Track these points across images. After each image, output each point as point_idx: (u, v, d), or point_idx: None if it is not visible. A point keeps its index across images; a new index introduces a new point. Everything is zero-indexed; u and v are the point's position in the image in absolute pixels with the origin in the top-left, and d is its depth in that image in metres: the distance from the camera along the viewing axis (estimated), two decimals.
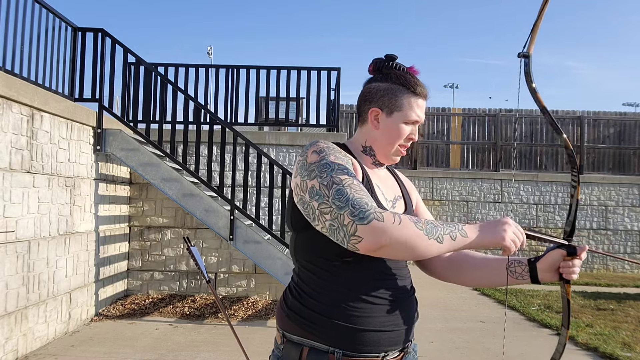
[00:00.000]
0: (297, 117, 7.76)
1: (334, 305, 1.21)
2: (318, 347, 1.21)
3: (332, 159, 1.18)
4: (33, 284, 4.24)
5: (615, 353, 4.45)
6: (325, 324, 1.21)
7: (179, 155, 6.09)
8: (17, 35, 4.46)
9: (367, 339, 1.21)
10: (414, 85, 1.31)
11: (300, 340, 1.23)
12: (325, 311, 1.21)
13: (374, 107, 1.33)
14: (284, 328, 1.28)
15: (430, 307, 6.32)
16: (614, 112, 11.63)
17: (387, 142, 1.33)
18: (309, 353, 1.22)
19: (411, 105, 1.31)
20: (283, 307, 1.30)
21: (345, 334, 1.20)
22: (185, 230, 6.31)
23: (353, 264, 1.22)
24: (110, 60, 5.72)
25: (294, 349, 1.24)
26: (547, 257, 1.30)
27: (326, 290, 1.23)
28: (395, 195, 1.38)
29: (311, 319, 1.22)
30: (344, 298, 1.21)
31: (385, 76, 1.33)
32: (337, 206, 1.08)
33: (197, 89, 6.82)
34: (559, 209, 10.81)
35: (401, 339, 1.27)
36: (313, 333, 1.22)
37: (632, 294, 7.67)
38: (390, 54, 1.36)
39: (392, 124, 1.31)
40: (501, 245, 1.14)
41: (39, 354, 4.20)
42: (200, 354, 4.30)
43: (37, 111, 4.30)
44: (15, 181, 3.97)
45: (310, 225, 1.21)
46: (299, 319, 1.24)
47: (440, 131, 11.41)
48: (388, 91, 1.31)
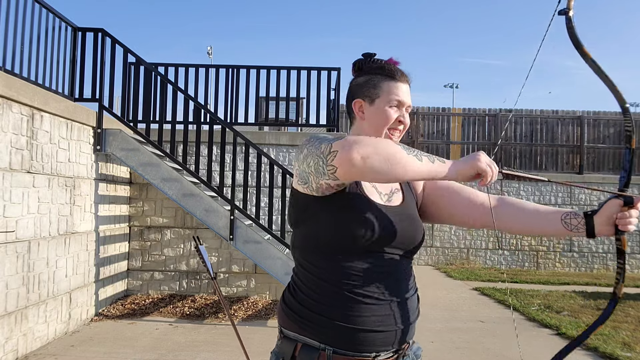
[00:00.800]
0: (297, 117, 7.76)
1: (325, 303, 1.23)
2: (310, 344, 1.24)
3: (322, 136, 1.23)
4: (33, 284, 4.24)
5: (615, 353, 4.45)
6: (317, 321, 1.23)
7: (179, 155, 6.09)
8: (17, 35, 4.46)
9: (358, 338, 1.22)
10: (391, 72, 1.33)
11: (295, 337, 1.27)
12: (316, 308, 1.24)
13: (357, 99, 1.35)
14: (281, 324, 1.32)
15: (430, 307, 6.32)
16: (614, 112, 11.61)
17: (375, 129, 1.33)
18: (302, 349, 1.24)
19: (390, 88, 1.32)
20: (282, 303, 1.34)
21: (336, 331, 1.22)
22: (185, 230, 6.31)
23: (345, 262, 1.23)
24: (110, 60, 5.72)
25: (288, 344, 1.27)
26: (604, 209, 1.28)
27: (318, 287, 1.25)
28: (392, 189, 1.38)
29: (304, 316, 1.25)
30: (336, 296, 1.23)
31: (364, 71, 1.36)
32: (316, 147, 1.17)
33: (197, 89, 6.82)
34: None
35: (395, 340, 1.26)
36: (306, 329, 1.24)
37: (632, 294, 7.67)
38: (367, 52, 1.38)
39: (376, 110, 1.32)
40: (477, 167, 1.15)
41: (39, 354, 4.20)
42: (200, 354, 4.30)
43: (37, 111, 4.30)
44: (15, 181, 3.97)
45: (307, 221, 1.26)
46: (293, 315, 1.27)
47: (440, 131, 11.41)
48: (367, 82, 1.34)
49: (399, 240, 1.28)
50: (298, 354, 1.24)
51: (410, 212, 1.35)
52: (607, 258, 10.76)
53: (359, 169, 1.09)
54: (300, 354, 1.24)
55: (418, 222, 1.36)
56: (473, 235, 10.74)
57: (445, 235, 10.75)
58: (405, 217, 1.32)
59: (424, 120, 11.42)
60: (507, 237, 10.78)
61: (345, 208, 1.24)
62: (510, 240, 10.78)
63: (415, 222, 1.35)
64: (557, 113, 11.41)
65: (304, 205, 1.28)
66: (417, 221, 1.36)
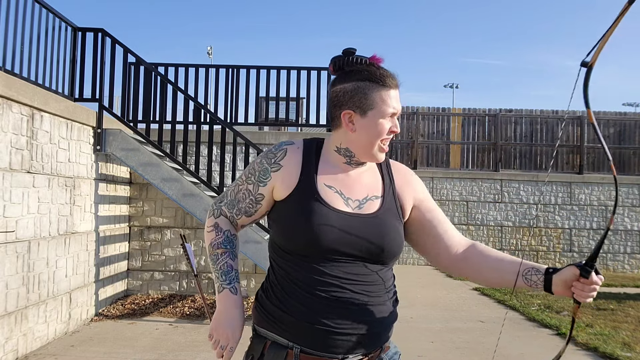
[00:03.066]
0: (297, 117, 7.76)
1: (293, 303, 1.24)
2: (279, 342, 1.26)
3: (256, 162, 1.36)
4: (33, 284, 4.24)
5: (615, 353, 4.45)
6: (285, 320, 1.25)
7: (179, 155, 6.09)
8: (17, 35, 4.46)
9: (324, 339, 1.22)
10: (381, 78, 1.26)
11: (265, 333, 1.29)
12: (285, 307, 1.25)
13: (345, 110, 1.28)
14: (254, 322, 1.34)
15: (430, 307, 6.32)
16: (614, 112, 11.63)
17: (368, 141, 1.28)
18: (270, 346, 1.26)
19: (384, 99, 1.26)
20: (255, 301, 1.36)
21: (303, 331, 1.23)
22: (185, 230, 6.31)
23: (307, 265, 1.24)
24: (110, 60, 5.72)
25: (259, 341, 1.30)
26: (563, 272, 1.26)
27: (286, 287, 1.27)
28: (367, 195, 1.32)
29: (273, 314, 1.27)
30: (302, 297, 1.24)
31: (348, 75, 1.28)
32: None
33: (197, 89, 6.82)
34: (559, 209, 10.81)
35: (362, 344, 1.25)
36: (274, 327, 1.26)
37: (632, 294, 7.67)
38: (348, 48, 1.30)
39: (369, 123, 1.27)
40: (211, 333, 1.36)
41: (39, 354, 4.20)
42: (200, 354, 4.30)
43: (37, 111, 4.30)
44: (15, 181, 3.97)
45: (272, 224, 1.33)
46: (264, 313, 1.30)
47: (440, 131, 11.41)
48: (356, 91, 1.26)
49: (356, 248, 1.24)
50: (267, 351, 1.26)
51: (381, 221, 1.29)
52: (607, 258, 10.76)
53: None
54: (268, 351, 1.26)
55: (390, 231, 1.29)
56: (473, 235, 10.74)
57: None
58: (373, 225, 1.27)
59: (424, 120, 11.42)
60: (507, 237, 10.79)
61: (297, 213, 1.25)
62: (510, 241, 10.79)
63: (387, 230, 1.28)
64: (557, 113, 11.42)
65: (272, 209, 1.34)
66: (390, 230, 1.29)
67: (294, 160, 1.32)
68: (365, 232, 1.26)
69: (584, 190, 10.81)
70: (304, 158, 1.32)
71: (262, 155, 1.36)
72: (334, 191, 1.29)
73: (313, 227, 1.22)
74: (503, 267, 1.33)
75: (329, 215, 1.24)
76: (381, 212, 1.31)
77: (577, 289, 1.23)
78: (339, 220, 1.24)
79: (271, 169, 1.31)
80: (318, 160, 1.33)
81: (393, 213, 1.33)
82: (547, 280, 1.27)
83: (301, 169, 1.30)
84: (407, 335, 4.87)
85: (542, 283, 1.28)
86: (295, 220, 1.25)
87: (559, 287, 1.26)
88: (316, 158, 1.33)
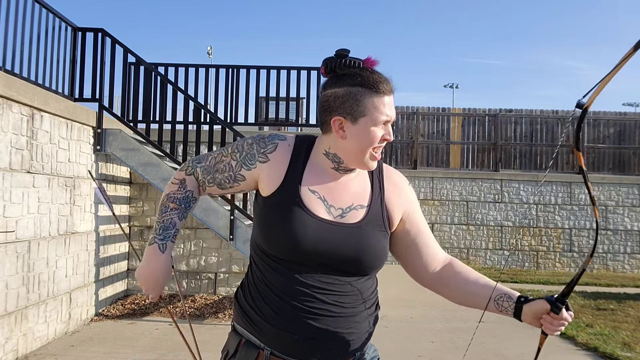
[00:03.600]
0: (297, 117, 7.76)
1: (265, 306, 1.24)
2: (252, 341, 1.26)
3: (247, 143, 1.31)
4: (33, 284, 4.24)
5: (615, 353, 4.45)
6: (257, 321, 1.25)
7: (179, 155, 6.09)
8: (17, 35, 4.46)
9: (293, 344, 1.21)
10: (374, 84, 1.20)
11: (241, 331, 1.29)
12: (257, 308, 1.25)
13: (336, 117, 1.21)
14: (233, 317, 1.35)
15: (430, 307, 6.32)
16: (614, 112, 11.62)
17: (358, 149, 1.23)
18: (244, 344, 1.27)
19: (376, 106, 1.20)
20: (234, 298, 1.36)
21: (273, 334, 1.22)
22: (185, 230, 6.31)
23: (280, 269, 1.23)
24: (110, 60, 5.72)
25: (235, 338, 1.31)
26: (534, 304, 1.27)
27: (260, 289, 1.26)
28: (352, 204, 1.27)
29: (248, 314, 1.27)
30: (274, 301, 1.23)
31: (340, 78, 1.22)
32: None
33: (197, 89, 6.82)
34: (559, 209, 10.81)
35: (332, 353, 1.23)
36: (249, 327, 1.27)
37: (632, 294, 7.67)
38: (341, 49, 1.24)
39: (361, 130, 1.21)
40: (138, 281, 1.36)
41: (39, 354, 4.20)
42: (200, 354, 4.30)
43: (37, 111, 4.30)
44: (15, 181, 3.97)
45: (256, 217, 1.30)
46: (240, 311, 1.30)
47: (440, 131, 11.41)
48: (348, 96, 1.20)
49: (332, 258, 1.21)
50: (240, 348, 1.27)
51: (363, 232, 1.24)
52: (607, 258, 10.76)
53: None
54: (242, 349, 1.27)
55: (370, 243, 1.24)
56: (473, 235, 10.74)
57: (445, 235, 10.75)
58: (353, 235, 1.23)
59: (424, 120, 11.42)
60: (507, 237, 10.78)
61: (276, 216, 1.23)
62: (510, 241, 10.78)
63: (367, 242, 1.24)
64: (557, 113, 11.41)
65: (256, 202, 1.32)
66: (370, 242, 1.25)
67: (282, 157, 1.27)
68: (343, 242, 1.21)
69: (584, 190, 10.80)
70: (292, 157, 1.28)
71: (253, 139, 1.32)
72: (316, 197, 1.25)
73: (289, 232, 1.19)
74: (476, 290, 1.34)
75: (306, 222, 1.20)
76: (364, 222, 1.26)
77: (546, 322, 1.25)
78: (317, 229, 1.20)
79: (258, 157, 1.28)
80: (306, 162, 1.28)
81: (377, 224, 1.28)
82: (518, 309, 1.29)
83: (287, 169, 1.26)
84: (407, 335, 4.86)
85: (512, 310, 1.30)
86: (272, 223, 1.23)
87: (528, 317, 1.28)
88: (304, 159, 1.28)
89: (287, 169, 1.26)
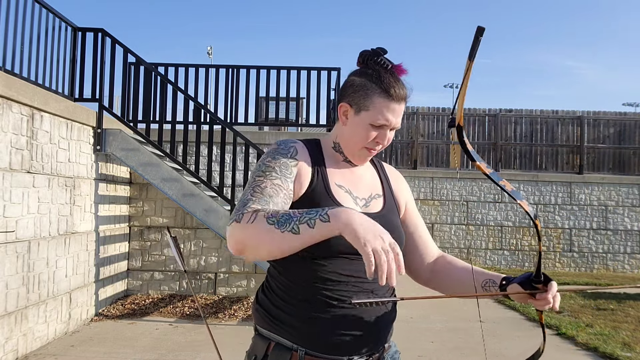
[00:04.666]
0: (297, 117, 7.76)
1: (296, 305, 1.23)
2: (283, 343, 1.23)
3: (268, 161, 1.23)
4: (33, 284, 4.24)
5: (615, 353, 4.45)
6: (289, 322, 1.23)
7: (179, 155, 6.09)
8: (17, 35, 4.46)
9: (327, 341, 1.21)
10: (388, 86, 1.23)
11: (268, 335, 1.26)
12: (288, 310, 1.23)
13: (344, 102, 1.28)
14: (256, 322, 1.31)
15: (430, 307, 6.32)
16: (614, 112, 11.62)
17: (352, 141, 1.29)
18: (274, 348, 1.24)
19: (380, 107, 1.23)
20: (255, 303, 1.33)
21: (307, 334, 1.21)
22: (186, 230, 6.31)
23: (315, 265, 1.22)
24: (110, 60, 5.72)
25: (262, 342, 1.27)
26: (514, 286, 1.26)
27: (289, 289, 1.24)
28: (371, 194, 1.34)
29: (276, 316, 1.25)
30: (306, 299, 1.22)
31: (365, 70, 1.27)
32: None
33: (197, 89, 6.82)
34: (559, 209, 10.81)
35: (367, 345, 1.24)
36: (278, 329, 1.24)
37: (632, 294, 7.67)
38: (379, 47, 1.28)
39: (359, 123, 1.26)
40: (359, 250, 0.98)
41: (39, 354, 4.20)
42: (200, 354, 4.30)
43: (37, 111, 4.30)
44: (15, 181, 3.97)
45: None
46: (266, 315, 1.27)
47: (440, 131, 11.41)
48: (361, 87, 1.25)
49: None
50: (270, 352, 1.24)
51: (389, 220, 1.30)
52: (607, 258, 10.76)
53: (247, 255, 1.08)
54: (272, 353, 1.23)
55: (395, 230, 1.29)
56: (473, 235, 10.74)
57: (445, 235, 10.75)
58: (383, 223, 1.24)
59: (424, 120, 11.42)
60: (507, 237, 10.79)
61: None
62: (511, 241, 10.79)
63: (395, 229, 1.29)
64: (557, 113, 11.41)
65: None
66: (396, 228, 1.31)
67: (304, 158, 1.28)
68: None
69: (584, 190, 10.81)
70: (311, 156, 1.30)
71: (271, 154, 1.26)
72: (344, 190, 1.29)
73: None
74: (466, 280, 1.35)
75: None
76: (385, 210, 1.32)
77: (534, 301, 1.24)
78: None
79: (290, 164, 1.25)
80: (324, 158, 1.32)
81: (394, 212, 1.36)
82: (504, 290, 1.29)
83: (313, 168, 1.28)
84: (407, 335, 4.86)
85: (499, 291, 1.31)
86: None
87: (515, 297, 1.28)
88: (322, 156, 1.32)
89: (312, 168, 1.29)
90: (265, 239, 1.03)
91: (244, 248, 1.06)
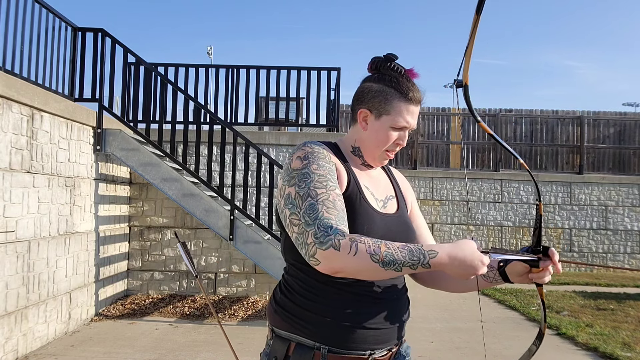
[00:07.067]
0: (297, 117, 7.76)
1: (319, 301, 1.24)
2: (304, 343, 1.24)
3: (314, 167, 1.20)
4: (33, 284, 4.24)
5: (615, 353, 4.45)
6: (311, 320, 1.23)
7: (179, 155, 6.09)
8: (17, 35, 4.46)
9: (352, 336, 1.23)
10: (406, 90, 1.29)
11: (288, 336, 1.26)
12: (310, 307, 1.24)
13: (363, 108, 1.32)
14: (273, 323, 1.31)
15: (430, 307, 6.32)
16: (614, 112, 11.62)
17: (374, 145, 1.32)
18: (296, 348, 1.24)
19: (401, 110, 1.28)
20: (272, 303, 1.33)
21: (330, 330, 1.22)
22: (186, 230, 6.31)
23: None
24: (110, 60, 5.72)
25: (281, 343, 1.27)
26: (514, 265, 1.30)
27: (311, 287, 1.25)
28: (387, 195, 1.39)
29: (298, 315, 1.25)
30: (329, 295, 1.23)
31: (381, 76, 1.31)
32: (305, 222, 1.12)
33: (197, 89, 6.83)
34: (559, 209, 10.81)
35: (389, 337, 1.28)
36: (299, 329, 1.25)
37: (632, 294, 7.67)
38: (391, 53, 1.33)
39: (380, 127, 1.30)
40: (473, 271, 1.13)
41: (39, 354, 4.20)
42: (200, 354, 4.30)
43: (37, 111, 4.30)
44: (15, 181, 3.97)
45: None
46: (286, 315, 1.27)
47: (440, 131, 11.41)
48: (380, 93, 1.29)
49: None
50: (292, 353, 1.24)
51: (404, 220, 1.37)
52: (607, 258, 10.76)
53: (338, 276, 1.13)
54: (294, 354, 1.24)
55: (411, 230, 1.38)
56: (473, 235, 10.74)
57: (445, 235, 10.75)
58: (400, 224, 1.34)
59: (424, 120, 11.42)
60: (507, 237, 10.79)
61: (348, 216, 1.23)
62: (510, 241, 10.79)
63: (409, 229, 1.37)
64: (557, 113, 11.42)
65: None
66: (410, 228, 1.38)
67: (336, 160, 1.30)
68: (397, 230, 1.31)
69: (584, 190, 10.81)
70: (340, 159, 1.33)
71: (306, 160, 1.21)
72: (369, 192, 1.33)
73: (361, 229, 1.23)
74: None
75: (373, 217, 1.28)
76: (400, 211, 1.38)
77: (534, 275, 1.27)
78: (379, 221, 1.29)
79: (333, 168, 1.25)
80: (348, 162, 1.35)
81: (406, 212, 1.42)
82: (503, 274, 1.31)
83: (345, 171, 1.30)
84: (407, 335, 4.85)
85: (499, 277, 1.33)
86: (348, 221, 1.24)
87: (515, 278, 1.31)
88: (346, 159, 1.35)
89: (345, 171, 1.31)
90: (368, 273, 1.11)
91: (341, 273, 1.11)
